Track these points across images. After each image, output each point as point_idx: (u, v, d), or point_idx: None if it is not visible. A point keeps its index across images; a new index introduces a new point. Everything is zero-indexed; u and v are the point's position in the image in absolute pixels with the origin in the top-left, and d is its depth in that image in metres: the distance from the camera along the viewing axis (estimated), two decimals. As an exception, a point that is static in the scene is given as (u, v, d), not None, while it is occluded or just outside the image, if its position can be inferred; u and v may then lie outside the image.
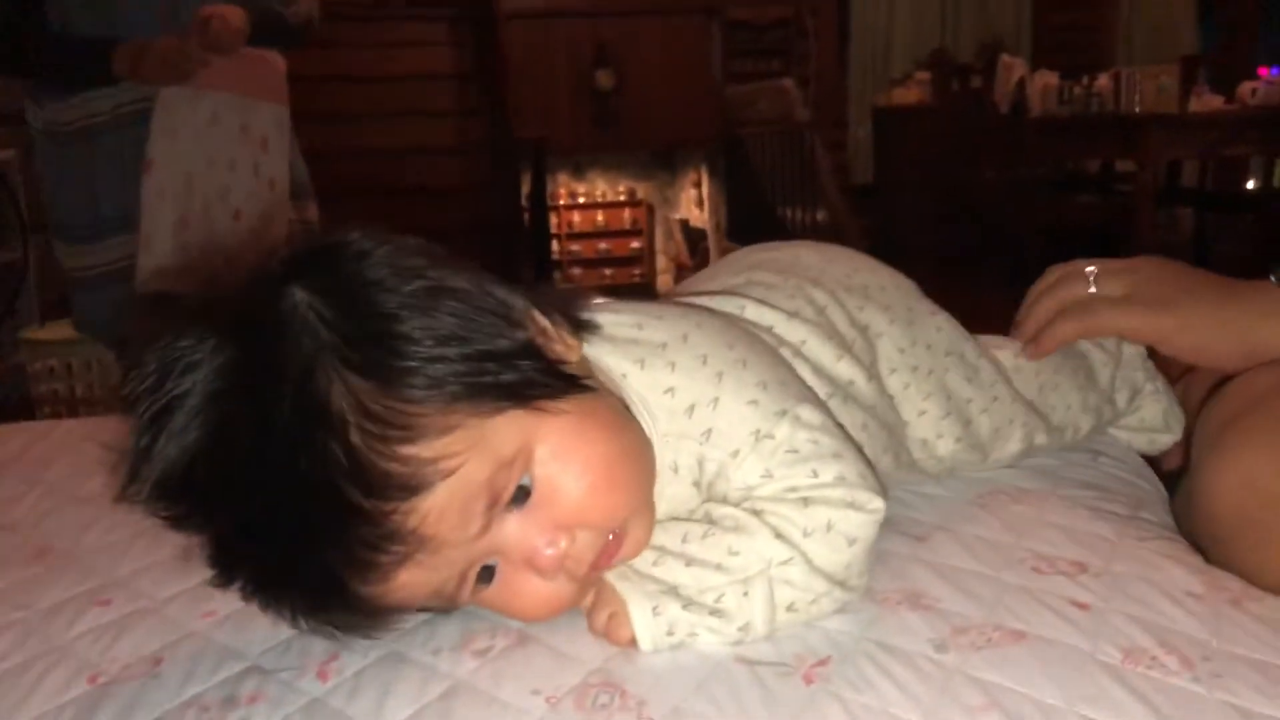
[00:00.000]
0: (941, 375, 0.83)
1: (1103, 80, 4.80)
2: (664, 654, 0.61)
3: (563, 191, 6.24)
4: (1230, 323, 0.83)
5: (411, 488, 0.54)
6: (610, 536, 0.63)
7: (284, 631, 0.66)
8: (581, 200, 6.29)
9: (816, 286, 0.81)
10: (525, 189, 4.93)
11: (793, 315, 0.76)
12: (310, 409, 0.53)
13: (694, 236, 6.23)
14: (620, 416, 0.65)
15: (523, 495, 0.60)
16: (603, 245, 6.26)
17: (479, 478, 0.56)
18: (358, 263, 0.58)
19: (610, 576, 0.64)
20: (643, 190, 6.41)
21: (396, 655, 0.63)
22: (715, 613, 0.61)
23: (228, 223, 2.02)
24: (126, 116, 1.94)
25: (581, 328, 0.67)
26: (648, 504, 0.66)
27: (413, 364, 0.55)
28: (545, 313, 0.64)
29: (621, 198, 6.35)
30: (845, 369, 0.76)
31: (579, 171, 6.33)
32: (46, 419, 2.61)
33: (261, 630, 0.67)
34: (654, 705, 0.56)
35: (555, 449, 0.60)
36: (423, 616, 0.67)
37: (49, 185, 2.07)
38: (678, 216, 6.37)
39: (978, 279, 4.35)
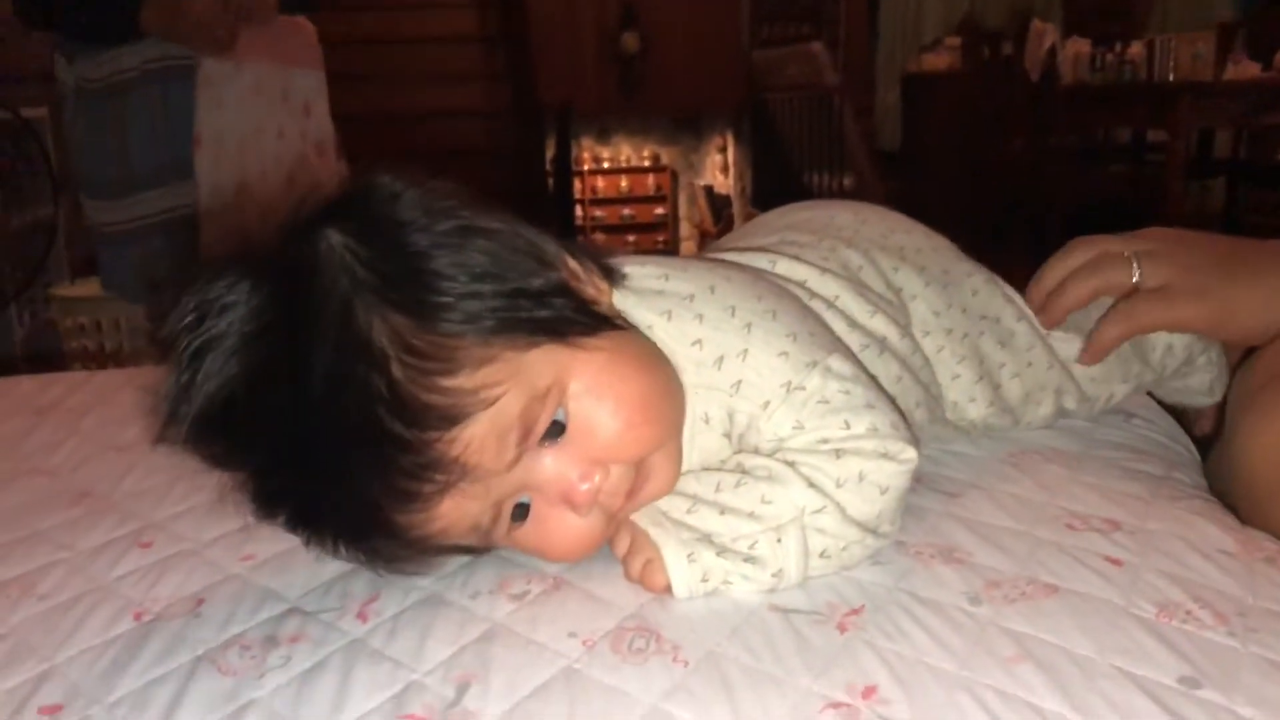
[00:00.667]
0: (976, 339, 0.83)
1: (1136, 48, 4.74)
2: (697, 601, 0.62)
3: (587, 156, 6.21)
4: (1273, 300, 0.81)
5: (452, 418, 0.55)
6: (638, 474, 0.64)
7: (324, 574, 0.67)
8: (606, 165, 6.27)
9: (850, 247, 0.81)
10: (549, 154, 4.92)
11: (825, 270, 0.76)
12: (352, 344, 0.54)
13: (718, 203, 6.20)
14: (652, 354, 0.65)
15: (557, 431, 0.60)
16: (626, 211, 6.24)
17: (515, 409, 0.57)
18: (390, 204, 0.59)
19: (645, 524, 0.64)
20: (667, 156, 6.38)
21: (435, 598, 0.64)
22: (749, 560, 0.62)
23: (282, 190, 2.03)
24: (154, 73, 1.95)
25: (610, 274, 0.67)
26: (677, 439, 0.66)
27: (448, 299, 0.57)
28: (576, 257, 0.64)
29: (646, 163, 6.33)
30: (879, 324, 0.76)
31: (604, 136, 6.31)
32: (77, 375, 2.64)
33: (302, 573, 0.68)
34: (688, 649, 0.57)
35: (589, 384, 0.61)
36: (460, 561, 0.68)
37: (78, 141, 2.08)
38: (702, 182, 6.34)
39: (1004, 249, 4.32)
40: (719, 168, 6.34)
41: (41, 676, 0.58)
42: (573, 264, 0.64)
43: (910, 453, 0.64)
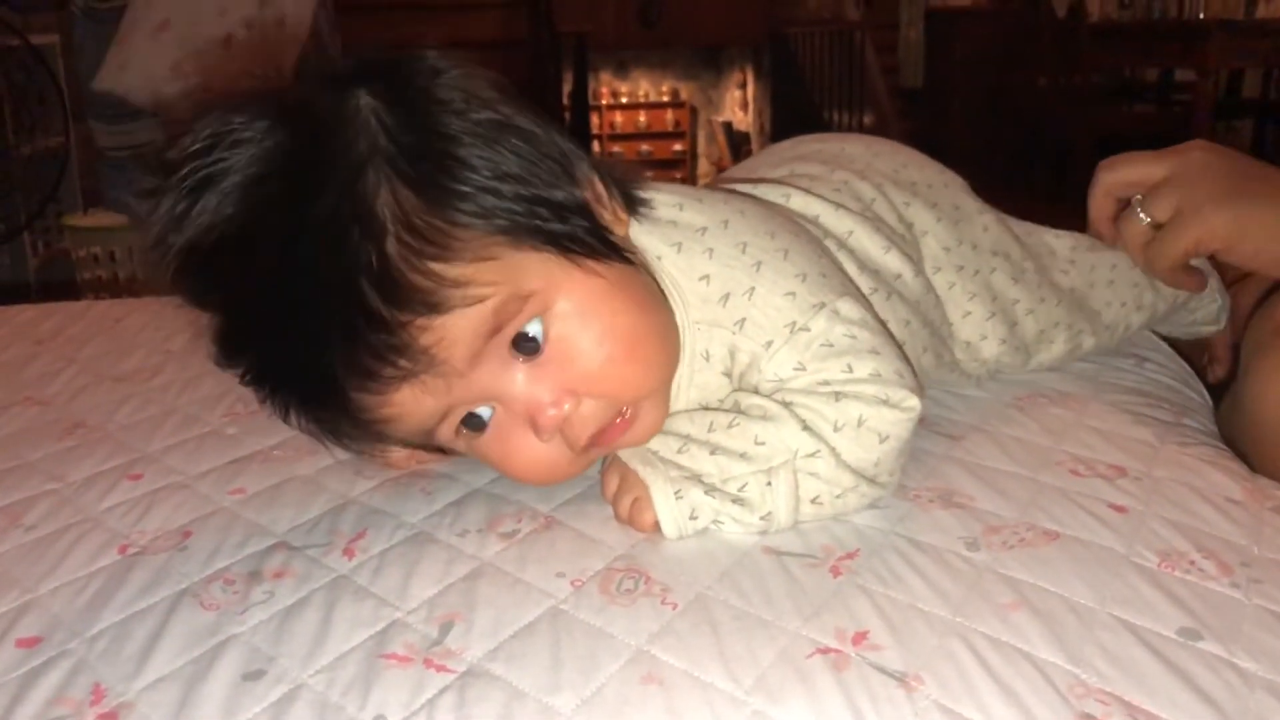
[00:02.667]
0: (987, 275, 0.80)
1: (1167, -16, 4.62)
2: (689, 542, 0.61)
3: (605, 91, 6.14)
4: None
5: (433, 304, 0.53)
6: (621, 417, 0.62)
7: (312, 510, 0.66)
8: (624, 100, 6.19)
9: (863, 180, 0.79)
10: (567, 87, 4.85)
11: (838, 206, 0.74)
12: (352, 207, 0.53)
13: (737, 139, 6.13)
14: (653, 297, 0.63)
15: (534, 347, 0.58)
16: (644, 147, 6.18)
17: (493, 303, 0.55)
18: (429, 79, 0.57)
19: (635, 463, 0.63)
20: (686, 91, 6.29)
21: (423, 535, 0.63)
22: (738, 501, 0.60)
23: (215, 46, 1.97)
24: None
25: (632, 204, 0.65)
26: (664, 389, 0.64)
27: (465, 189, 0.55)
28: (603, 179, 0.63)
29: (665, 98, 6.25)
30: (893, 261, 0.74)
31: (622, 70, 6.22)
32: (89, 305, 2.64)
33: (289, 509, 0.67)
34: (678, 591, 0.55)
35: (579, 307, 0.59)
36: (449, 498, 0.67)
37: (87, 65, 2.06)
38: (721, 119, 6.26)
39: (1026, 188, 4.25)
40: (738, 104, 6.26)
41: (22, 609, 0.57)
42: (599, 186, 0.62)
43: (913, 401, 0.62)
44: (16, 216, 3.13)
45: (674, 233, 0.65)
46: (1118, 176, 0.84)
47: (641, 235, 0.65)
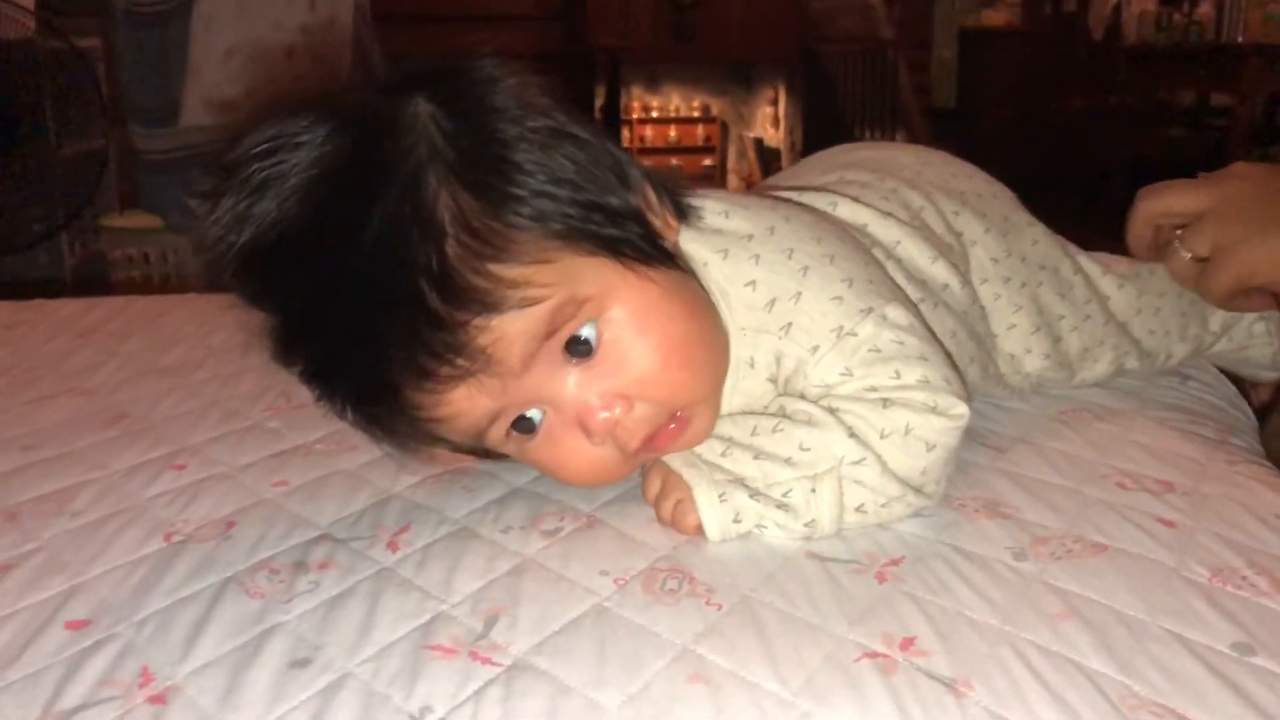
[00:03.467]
0: (1034, 289, 0.80)
1: (1204, 7, 4.60)
2: (732, 545, 0.60)
3: (636, 105, 6.15)
4: None
5: (491, 305, 0.54)
6: (673, 424, 0.62)
7: (355, 504, 0.67)
8: (655, 115, 6.21)
9: (912, 188, 0.79)
10: (598, 101, 4.87)
11: (887, 215, 0.74)
12: (413, 211, 0.53)
13: (767, 155, 6.13)
14: (704, 304, 0.63)
15: (586, 350, 0.59)
16: (674, 162, 6.18)
17: (549, 305, 0.56)
18: (486, 87, 0.58)
19: (677, 465, 0.63)
20: (717, 107, 6.30)
21: (466, 531, 0.63)
22: (781, 506, 0.60)
23: (279, 57, 2.01)
24: (194, 4, 1.94)
25: (682, 212, 0.65)
26: (715, 395, 0.64)
27: (521, 193, 0.55)
28: (654, 188, 0.63)
29: (696, 113, 6.26)
30: (940, 271, 0.73)
31: (654, 84, 6.24)
32: (124, 305, 2.67)
33: (332, 502, 0.67)
34: (722, 593, 0.55)
35: (633, 313, 0.59)
36: (492, 495, 0.67)
37: (127, 68, 2.09)
38: (752, 135, 6.26)
39: (1058, 211, 4.22)
40: (769, 120, 6.26)
41: (70, 591, 0.57)
42: (650, 194, 0.63)
43: (961, 409, 0.62)
44: (56, 216, 3.17)
45: (720, 240, 0.65)
46: (1157, 206, 0.83)
47: (688, 242, 0.65)
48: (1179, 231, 0.81)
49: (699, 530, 0.61)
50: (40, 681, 0.49)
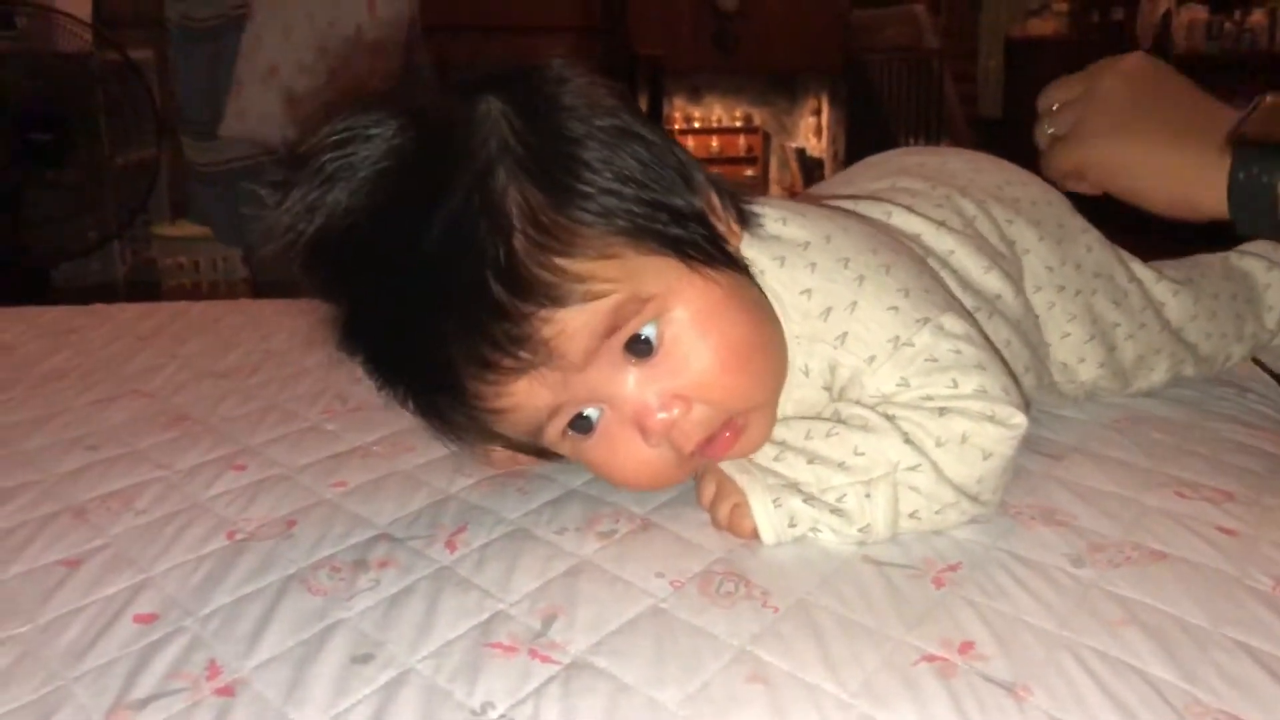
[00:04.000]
0: (1089, 297, 0.79)
1: (1257, 15, 4.53)
2: (787, 549, 0.60)
3: (678, 115, 6.16)
4: (1168, 174, 0.75)
5: (555, 298, 0.54)
6: (728, 432, 0.62)
7: (413, 504, 0.68)
8: (697, 125, 6.21)
9: (965, 196, 0.78)
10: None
11: (940, 225, 0.74)
12: (482, 204, 0.54)
13: (810, 166, 6.11)
14: (765, 309, 0.64)
15: (646, 350, 0.59)
16: (716, 172, 6.18)
17: (612, 302, 0.56)
18: (554, 87, 0.59)
19: (731, 469, 0.63)
20: (760, 117, 6.29)
21: (522, 532, 0.63)
22: (836, 512, 0.60)
23: (321, 78, 2.05)
24: (244, 19, 1.98)
25: (745, 219, 0.65)
26: (772, 403, 0.64)
27: (588, 189, 0.56)
28: (718, 192, 0.63)
29: (738, 123, 6.25)
30: (993, 282, 0.73)
31: (696, 95, 6.24)
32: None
33: (390, 502, 0.68)
34: (778, 596, 0.55)
35: (696, 314, 0.59)
36: (546, 497, 0.67)
37: (179, 81, 2.13)
38: (795, 145, 6.25)
39: (1106, 219, 4.17)
40: (812, 130, 6.24)
41: (138, 586, 0.59)
42: (714, 198, 0.63)
43: (1019, 418, 0.61)
44: (109, 225, 3.23)
45: (777, 247, 0.66)
46: (1049, 97, 0.84)
47: (746, 249, 0.65)
48: (1054, 106, 0.82)
49: (754, 534, 0.61)
50: (112, 672, 0.50)
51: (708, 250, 0.60)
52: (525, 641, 0.52)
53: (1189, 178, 0.74)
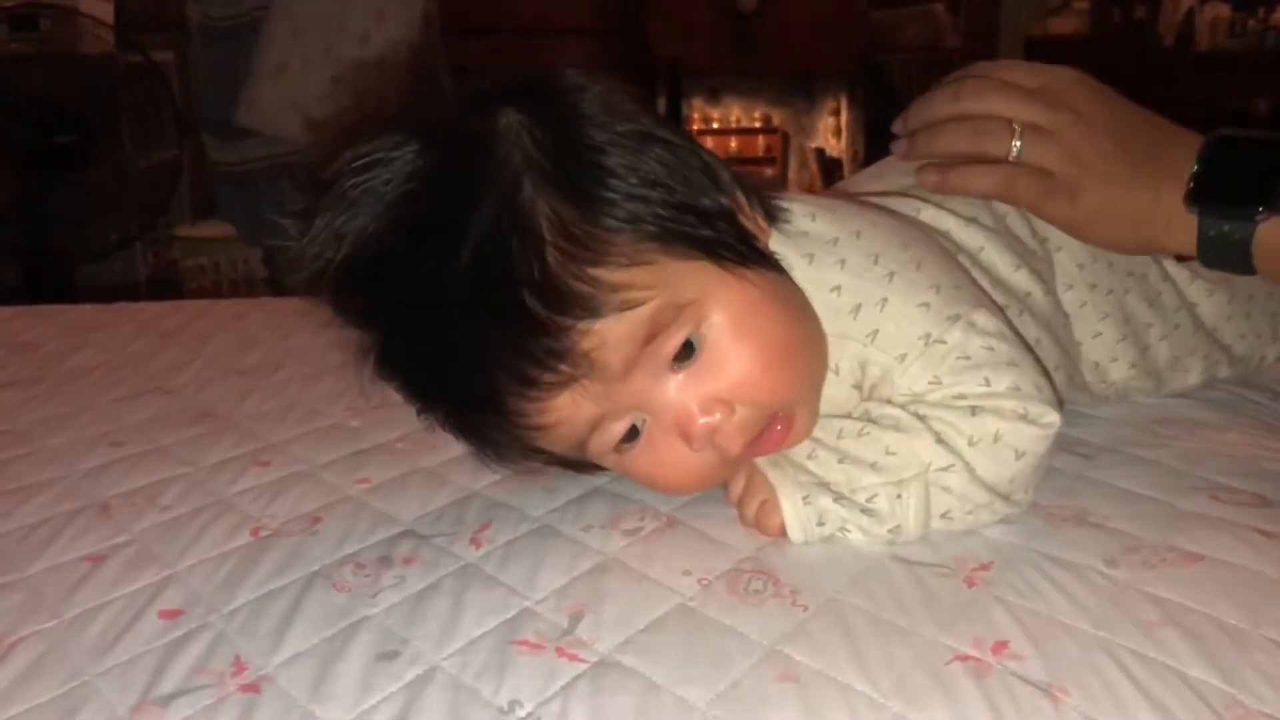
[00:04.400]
0: (1121, 296, 0.78)
1: (1281, 13, 4.49)
2: (816, 548, 0.60)
3: (696, 117, 6.15)
4: (1140, 222, 0.71)
5: (592, 309, 0.54)
6: (778, 425, 0.61)
7: (437, 501, 0.67)
8: (715, 126, 6.20)
9: None
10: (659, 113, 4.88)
11: (970, 220, 0.73)
12: (511, 220, 0.54)
13: (829, 166, 6.09)
14: (802, 305, 0.63)
15: (687, 355, 0.58)
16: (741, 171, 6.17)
17: (649, 309, 0.56)
18: (573, 95, 0.59)
19: (762, 465, 0.62)
20: (778, 117, 6.27)
21: (547, 529, 0.63)
22: (866, 512, 0.59)
23: (324, 83, 2.05)
24: (263, 19, 1.98)
25: (772, 215, 0.65)
26: (815, 396, 0.64)
27: (614, 196, 0.55)
28: (744, 189, 0.63)
29: (756, 124, 6.24)
30: (1023, 279, 0.72)
31: (714, 96, 6.23)
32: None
33: (415, 499, 0.68)
34: (807, 594, 0.55)
35: (733, 316, 0.59)
36: (571, 494, 0.67)
37: (201, 81, 2.14)
38: (814, 145, 6.23)
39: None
40: (832, 130, 6.22)
41: (163, 582, 0.59)
42: (741, 196, 0.62)
43: (1052, 417, 0.60)
44: (130, 226, 3.25)
45: (806, 243, 0.65)
46: (1004, 107, 0.73)
47: (774, 245, 0.65)
48: (1017, 127, 0.72)
49: (782, 532, 0.60)
50: (136, 668, 0.50)
51: (739, 250, 0.60)
52: (552, 639, 0.51)
53: (1159, 226, 0.71)
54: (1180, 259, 0.79)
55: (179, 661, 0.50)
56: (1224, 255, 0.70)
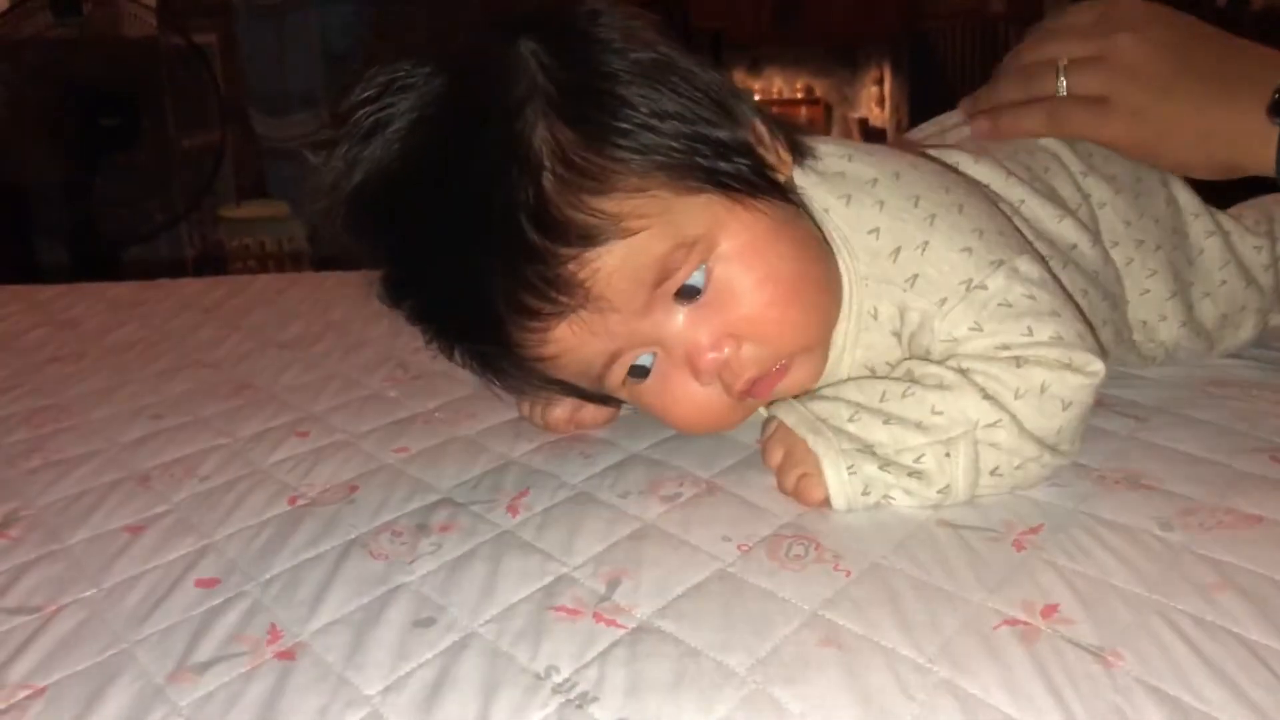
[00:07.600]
0: (1169, 252, 0.76)
1: (1341, -30, 4.35)
2: (860, 514, 0.58)
3: (738, 88, 6.10)
4: (1212, 136, 0.70)
5: (588, 237, 0.53)
6: (778, 365, 0.60)
7: (474, 469, 0.67)
8: (757, 97, 6.14)
9: (1036, 149, 0.75)
10: (700, 84, 4.84)
11: (1010, 173, 0.71)
12: (510, 147, 0.53)
13: (873, 137, 6.02)
14: (816, 243, 0.61)
15: (693, 292, 0.57)
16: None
17: (656, 250, 0.55)
18: (589, 21, 0.58)
19: (803, 431, 0.61)
20: (820, 88, 6.21)
21: (585, 496, 0.62)
22: (914, 474, 0.58)
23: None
24: None
25: (796, 148, 0.63)
26: (823, 343, 0.62)
27: (624, 126, 0.54)
28: (766, 122, 0.61)
29: (799, 95, 6.18)
30: (1068, 230, 0.70)
31: (756, 67, 6.17)
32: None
33: (452, 467, 0.67)
34: (850, 559, 0.53)
35: (742, 248, 0.57)
36: (609, 460, 0.66)
37: (248, 59, 2.15)
38: (857, 116, 6.16)
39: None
40: (874, 100, 6.14)
41: (200, 551, 0.58)
42: (760, 127, 0.61)
43: (1097, 365, 0.59)
44: (175, 207, 3.28)
45: (842, 184, 0.63)
46: (1052, 49, 0.76)
47: (809, 187, 0.63)
48: (1063, 63, 0.74)
49: (824, 503, 0.59)
50: (174, 636, 0.50)
51: (752, 180, 0.58)
52: (589, 605, 0.50)
53: (1233, 140, 0.69)
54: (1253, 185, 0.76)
55: (215, 629, 0.50)
56: None
